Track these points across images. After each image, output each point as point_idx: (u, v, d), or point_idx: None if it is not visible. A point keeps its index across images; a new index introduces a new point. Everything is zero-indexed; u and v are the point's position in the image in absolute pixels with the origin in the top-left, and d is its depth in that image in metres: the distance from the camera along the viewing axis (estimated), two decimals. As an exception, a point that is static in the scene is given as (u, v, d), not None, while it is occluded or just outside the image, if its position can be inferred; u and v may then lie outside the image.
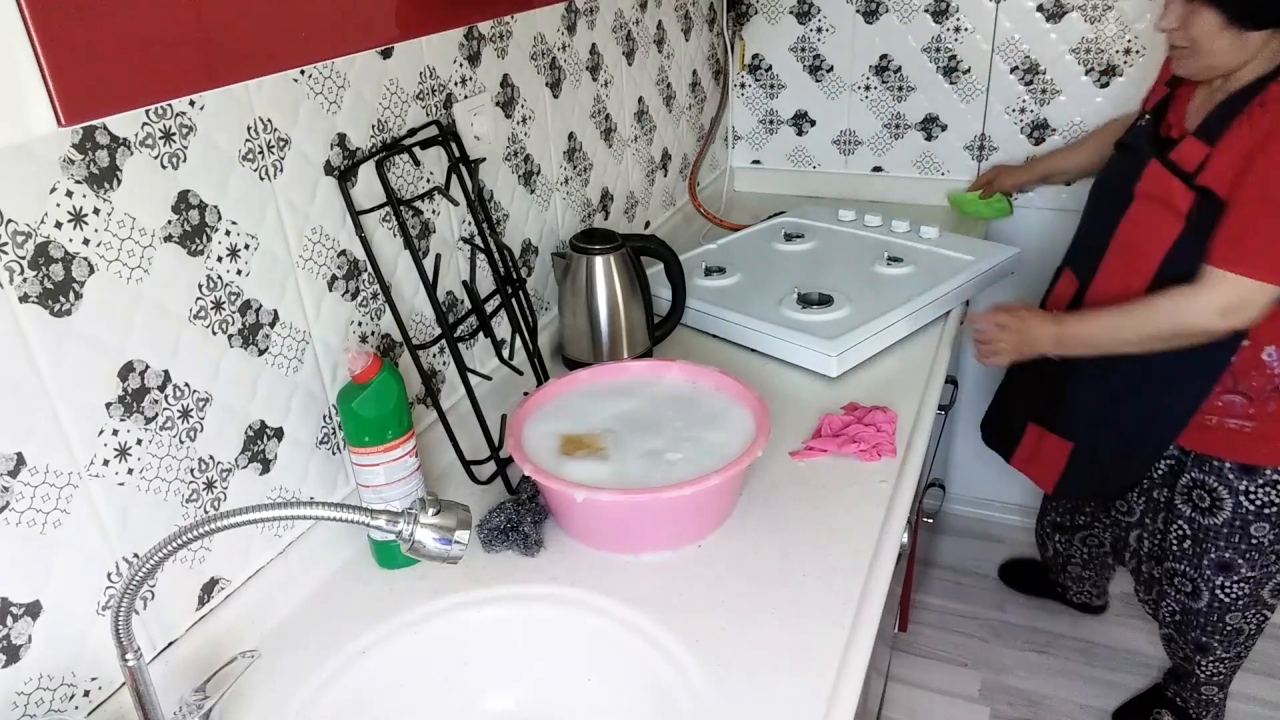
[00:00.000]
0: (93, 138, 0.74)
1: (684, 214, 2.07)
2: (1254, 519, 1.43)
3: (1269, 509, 1.42)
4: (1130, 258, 1.37)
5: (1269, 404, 1.35)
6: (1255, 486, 1.41)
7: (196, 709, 0.81)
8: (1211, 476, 1.44)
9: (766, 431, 1.07)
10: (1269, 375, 1.33)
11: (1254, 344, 1.32)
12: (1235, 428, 1.38)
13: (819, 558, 1.02)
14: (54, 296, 0.73)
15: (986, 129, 2.08)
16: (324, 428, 1.05)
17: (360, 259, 1.06)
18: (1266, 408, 1.35)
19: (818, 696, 0.85)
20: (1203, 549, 1.50)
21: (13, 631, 0.74)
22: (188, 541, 0.69)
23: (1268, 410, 1.35)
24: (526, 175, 1.40)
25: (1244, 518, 1.43)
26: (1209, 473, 1.44)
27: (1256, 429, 1.37)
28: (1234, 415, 1.37)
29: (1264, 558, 1.47)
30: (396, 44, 1.08)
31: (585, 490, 0.99)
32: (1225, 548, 1.47)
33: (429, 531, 0.75)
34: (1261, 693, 1.95)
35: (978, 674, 2.04)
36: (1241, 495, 1.42)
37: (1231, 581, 1.51)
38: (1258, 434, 1.37)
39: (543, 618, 1.00)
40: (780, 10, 2.14)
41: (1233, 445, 1.40)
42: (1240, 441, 1.39)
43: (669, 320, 1.49)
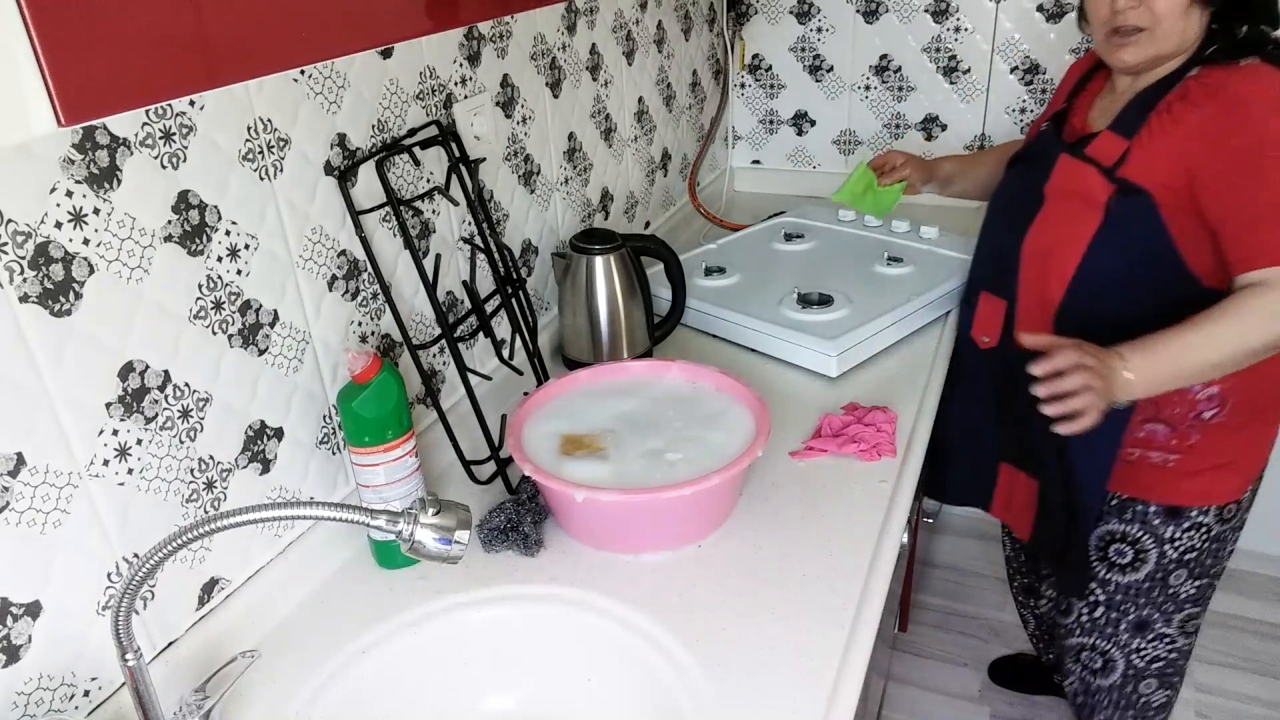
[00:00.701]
0: (93, 138, 0.74)
1: (684, 214, 2.07)
2: (1175, 567, 1.31)
3: (1189, 555, 1.29)
4: (1046, 261, 1.24)
5: (1191, 435, 1.23)
6: (1180, 531, 1.28)
7: (196, 709, 0.81)
8: (1135, 525, 1.30)
9: (766, 431, 1.07)
10: (1191, 401, 1.21)
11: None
12: (1159, 462, 1.25)
13: (819, 558, 1.02)
14: (54, 296, 0.73)
15: (986, 129, 2.08)
16: (324, 428, 1.05)
17: (360, 259, 1.06)
18: (1188, 439, 1.23)
19: (818, 696, 0.85)
20: (1119, 613, 1.36)
21: (13, 631, 0.74)
22: (188, 541, 0.69)
23: (1189, 443, 1.23)
24: (526, 175, 1.40)
25: (1165, 568, 1.31)
26: (1131, 521, 1.30)
27: (1179, 464, 1.24)
28: (1156, 447, 1.25)
29: (1179, 609, 1.34)
30: (396, 44, 1.08)
31: (585, 490, 0.99)
32: (1144, 605, 1.34)
33: (429, 531, 0.75)
34: (1261, 693, 1.95)
35: (978, 674, 2.04)
36: (1166, 544, 1.29)
37: (1147, 641, 1.37)
38: (1180, 470, 1.25)
39: (543, 618, 1.00)
40: (780, 10, 2.14)
41: (1156, 484, 1.27)
42: (1164, 480, 1.26)
43: (669, 320, 1.49)
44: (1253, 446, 1.27)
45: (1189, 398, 1.21)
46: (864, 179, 1.60)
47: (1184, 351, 1.08)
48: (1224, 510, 1.28)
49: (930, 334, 1.52)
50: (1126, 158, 1.15)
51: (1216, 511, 1.28)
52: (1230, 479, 1.26)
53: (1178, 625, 1.37)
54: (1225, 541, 1.32)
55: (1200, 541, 1.29)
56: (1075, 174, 1.20)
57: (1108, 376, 1.06)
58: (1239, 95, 1.08)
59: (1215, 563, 1.33)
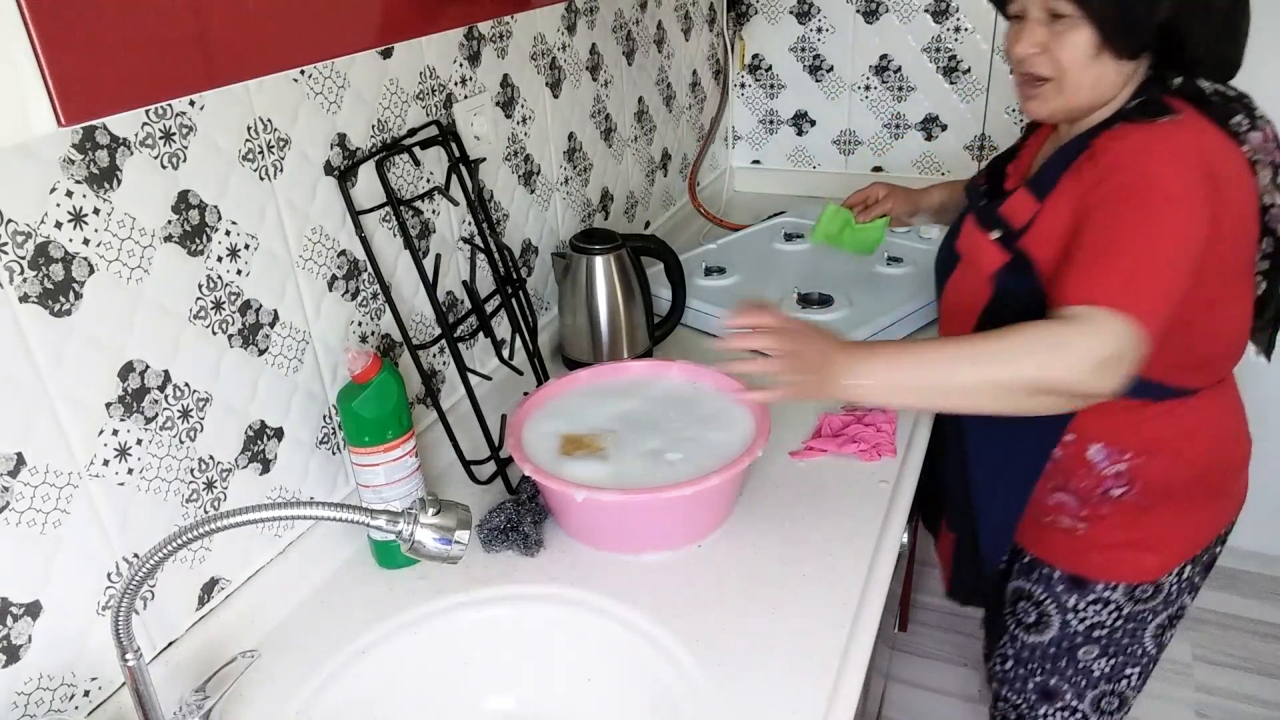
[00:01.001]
0: (93, 138, 0.74)
1: (684, 214, 2.07)
2: (1082, 641, 1.20)
3: (1099, 631, 1.18)
4: (953, 325, 1.16)
5: (1101, 507, 1.12)
6: (1084, 603, 1.17)
7: (196, 709, 0.81)
8: (1039, 587, 1.21)
9: (766, 431, 1.07)
10: (1097, 476, 1.10)
11: (1079, 439, 1.09)
12: (1068, 528, 1.16)
13: (819, 558, 1.02)
14: (54, 296, 0.73)
15: (986, 129, 2.08)
16: (324, 428, 1.05)
17: (360, 259, 1.06)
18: (1099, 511, 1.12)
19: (818, 696, 0.85)
20: (1026, 671, 1.27)
21: (13, 631, 0.74)
22: (188, 541, 0.69)
23: (1100, 514, 1.12)
24: (526, 175, 1.40)
25: (1071, 639, 1.20)
26: (1037, 582, 1.21)
27: (1087, 535, 1.14)
28: (1066, 514, 1.15)
29: (1092, 685, 1.23)
30: (396, 44, 1.08)
31: (585, 490, 0.99)
32: (1050, 672, 1.24)
33: (429, 531, 0.75)
34: (1261, 693, 1.95)
35: (978, 674, 2.04)
36: (1070, 613, 1.19)
37: (1055, 710, 1.26)
38: (1088, 540, 1.15)
39: (543, 618, 1.00)
40: (780, 10, 2.14)
41: (1063, 551, 1.18)
42: (1071, 547, 1.17)
43: (669, 320, 1.49)
44: (1172, 528, 1.12)
45: (1095, 473, 1.10)
46: (836, 218, 1.49)
47: (936, 365, 0.94)
48: (1136, 590, 1.15)
49: (930, 334, 1.52)
50: (1033, 223, 1.03)
51: (1127, 590, 1.15)
52: (1146, 558, 1.13)
53: (1090, 703, 1.25)
54: (1145, 623, 1.18)
55: (1109, 618, 1.17)
56: (973, 239, 1.11)
57: (819, 371, 0.94)
58: (1140, 145, 0.94)
59: (1134, 644, 1.20)
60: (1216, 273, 0.97)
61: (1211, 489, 1.13)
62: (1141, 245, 0.90)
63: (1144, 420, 1.06)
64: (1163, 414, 1.06)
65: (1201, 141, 0.94)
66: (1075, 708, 1.26)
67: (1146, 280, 0.90)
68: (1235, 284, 1.03)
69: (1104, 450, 1.08)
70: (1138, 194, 0.92)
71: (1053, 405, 0.93)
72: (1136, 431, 1.07)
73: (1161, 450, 1.08)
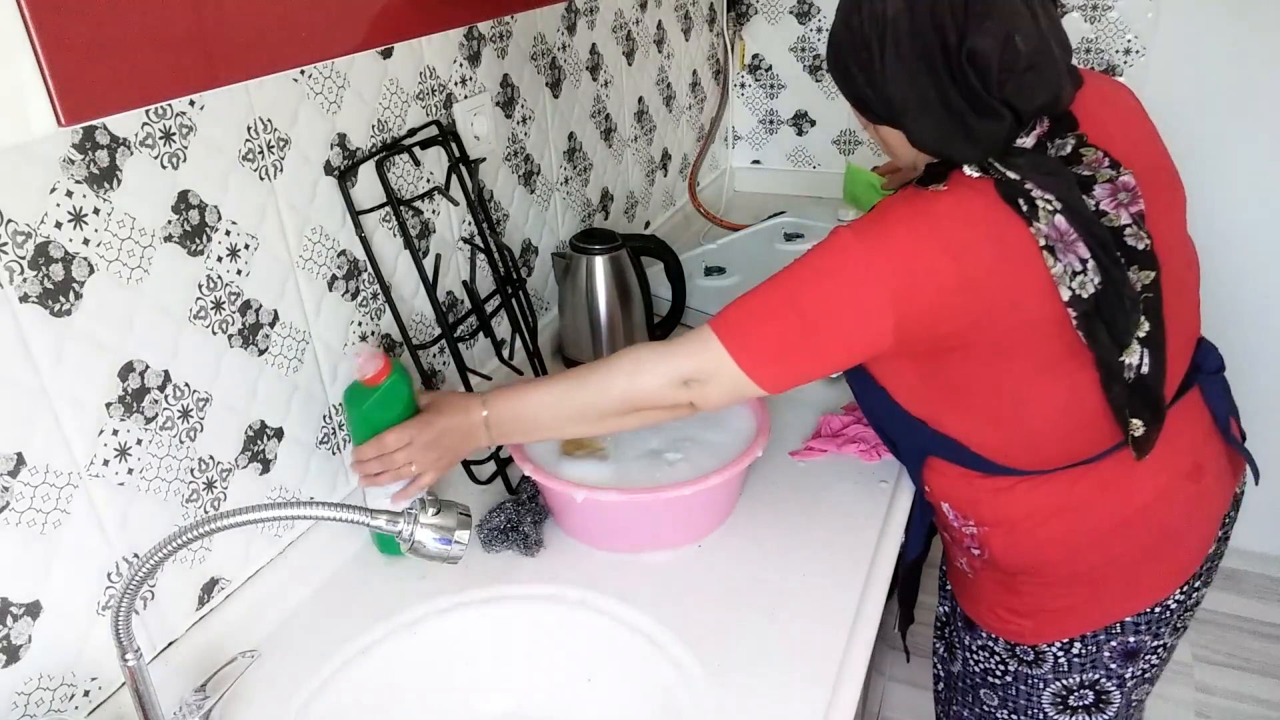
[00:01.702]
0: (93, 138, 0.74)
1: (684, 214, 2.07)
2: (980, 683, 1.15)
3: (991, 678, 1.13)
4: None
5: (974, 560, 1.08)
6: (975, 646, 1.13)
7: (196, 709, 0.81)
8: (952, 617, 1.19)
9: (766, 431, 1.07)
10: (957, 531, 1.06)
11: (932, 494, 1.06)
12: (962, 569, 1.12)
13: (819, 558, 1.02)
14: (54, 296, 0.73)
15: (986, 129, 2.08)
16: (324, 428, 1.05)
17: (360, 259, 1.06)
18: (974, 563, 1.08)
19: (818, 696, 0.85)
20: (950, 695, 1.24)
21: (13, 631, 0.74)
22: (188, 541, 0.69)
23: (975, 566, 1.08)
24: (526, 175, 1.40)
25: (972, 678, 1.16)
26: (951, 612, 1.20)
27: (973, 581, 1.10)
28: (959, 554, 1.11)
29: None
30: (396, 44, 1.08)
31: (585, 490, 0.99)
32: (963, 704, 1.19)
33: (429, 531, 0.75)
34: (1261, 693, 1.95)
35: (978, 674, 2.04)
36: (967, 651, 1.15)
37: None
38: (974, 588, 1.11)
39: (543, 618, 1.00)
40: (780, 10, 2.13)
41: (960, 589, 1.15)
42: (964, 589, 1.13)
43: (669, 320, 1.49)
44: (1042, 602, 1.04)
45: (953, 528, 1.07)
46: (857, 178, 1.50)
47: (542, 406, 0.98)
48: (1017, 649, 1.07)
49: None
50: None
51: (1007, 646, 1.08)
52: (1020, 622, 1.06)
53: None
54: (1036, 688, 1.08)
55: (997, 668, 1.11)
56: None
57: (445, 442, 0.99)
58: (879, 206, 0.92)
59: (1032, 707, 1.10)
60: (1003, 352, 0.89)
61: (1085, 575, 1.01)
62: (775, 285, 0.92)
63: (981, 491, 1.01)
64: (1002, 489, 0.99)
65: (951, 217, 0.86)
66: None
67: (757, 319, 0.92)
68: (1049, 369, 0.90)
69: (952, 510, 1.05)
70: (817, 249, 0.91)
71: (662, 417, 0.96)
72: (975, 500, 1.02)
73: (999, 526, 1.01)
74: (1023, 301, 0.86)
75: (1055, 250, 0.84)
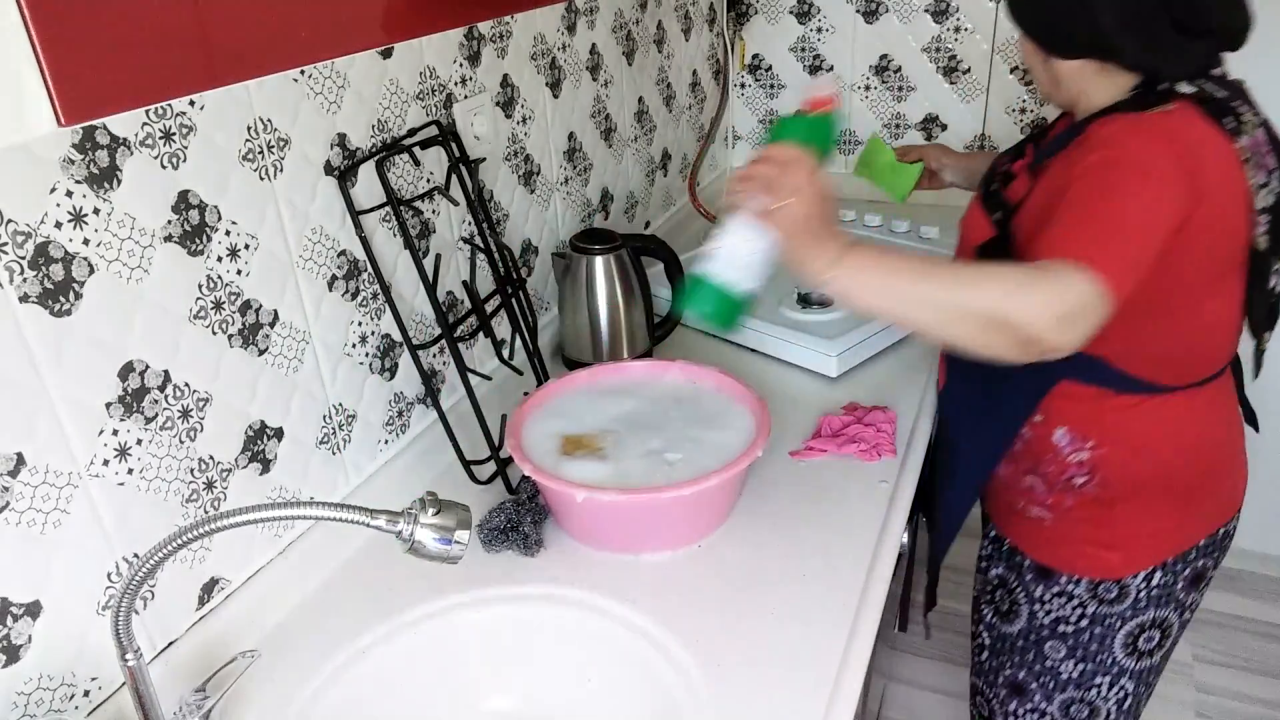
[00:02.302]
0: (93, 138, 0.74)
1: (684, 214, 2.07)
2: (1048, 635, 1.19)
3: (1064, 626, 1.17)
4: None
5: (1065, 498, 1.12)
6: (1049, 595, 1.17)
7: (196, 709, 0.81)
8: (1013, 574, 1.22)
9: (766, 431, 1.07)
10: (1063, 463, 1.10)
11: (1046, 421, 1.09)
12: (1036, 518, 1.16)
13: (819, 558, 1.02)
14: (54, 296, 0.73)
15: (986, 129, 2.08)
16: (324, 428, 1.05)
17: (360, 259, 1.06)
18: (1063, 502, 1.12)
19: (818, 696, 0.85)
20: (998, 662, 1.27)
21: (13, 631, 0.74)
22: (188, 541, 0.69)
23: (1064, 505, 1.13)
24: (526, 175, 1.40)
25: (1038, 631, 1.20)
26: (1011, 569, 1.23)
27: (1053, 525, 1.15)
28: (1035, 502, 1.15)
29: (1060, 687, 1.21)
30: (396, 44, 1.08)
31: (585, 490, 0.99)
32: (1019, 665, 1.24)
33: (429, 531, 0.75)
34: (1261, 693, 1.95)
35: (978, 674, 2.04)
36: (1036, 604, 1.19)
37: (1025, 710, 1.25)
38: (1054, 532, 1.15)
39: (543, 618, 1.00)
40: (780, 10, 2.14)
41: (1031, 538, 1.19)
42: (1039, 536, 1.18)
43: (669, 320, 1.49)
44: (1136, 528, 1.11)
45: (1060, 458, 1.10)
46: (877, 151, 1.49)
47: (906, 273, 0.93)
48: (1100, 587, 1.13)
49: (930, 334, 1.52)
50: (1024, 203, 1.05)
51: (1089, 586, 1.14)
52: (1109, 555, 1.12)
53: (1059, 707, 1.23)
54: (1112, 629, 1.15)
55: (1073, 614, 1.16)
56: (972, 218, 1.14)
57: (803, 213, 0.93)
58: (1114, 129, 0.96)
59: (1103, 651, 1.17)
60: (1194, 265, 0.96)
61: (1180, 494, 1.09)
62: (1111, 208, 0.91)
63: (1107, 410, 1.06)
64: (1128, 407, 1.05)
65: (1185, 131, 0.94)
66: (1044, 710, 1.24)
67: (1113, 241, 0.90)
68: (1217, 282, 1.00)
69: (1068, 435, 1.08)
70: (1110, 165, 0.94)
71: (1005, 346, 0.89)
72: (1099, 420, 1.07)
73: (1122, 443, 1.07)
74: (1226, 213, 0.96)
75: (1250, 163, 0.96)
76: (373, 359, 1.11)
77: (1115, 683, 1.20)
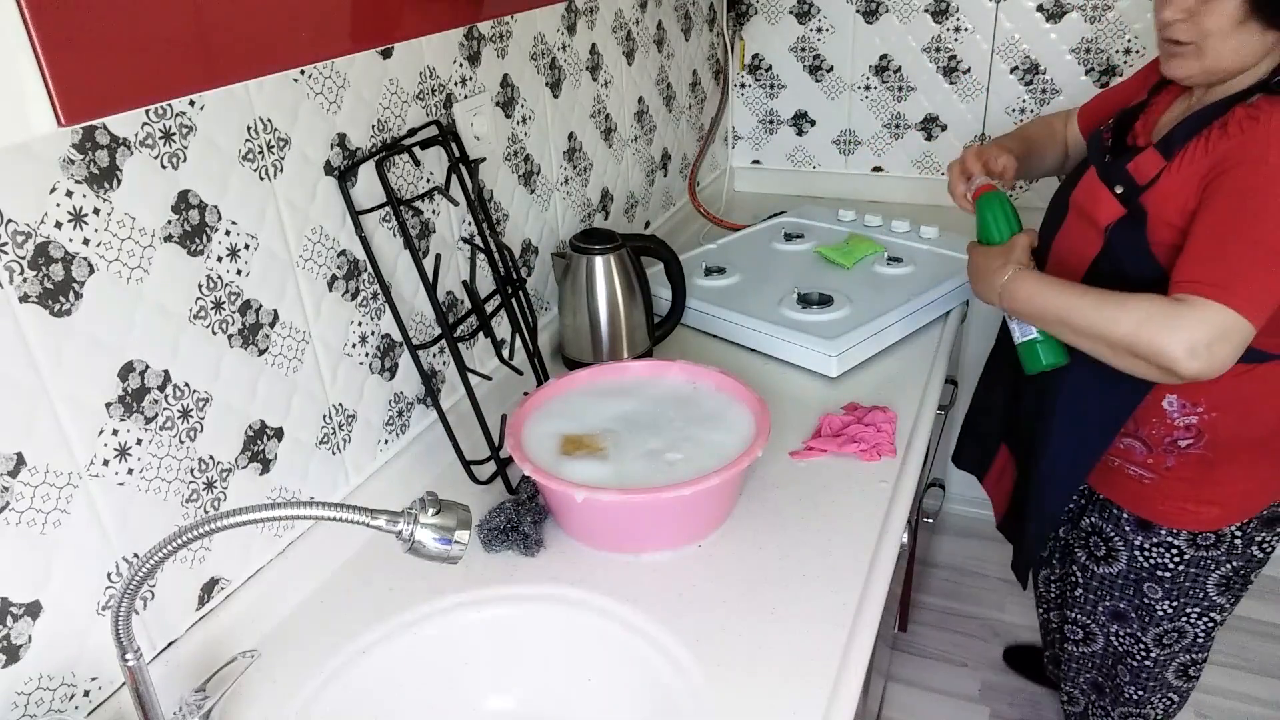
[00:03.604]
0: (93, 138, 0.74)
1: (684, 214, 2.07)
2: (1146, 578, 1.30)
3: (1162, 571, 1.27)
4: (1060, 270, 1.21)
5: (1167, 458, 1.20)
6: (1150, 544, 1.27)
7: (196, 709, 0.81)
8: (1109, 525, 1.31)
9: (766, 431, 1.07)
10: (1168, 425, 1.18)
11: (1157, 388, 1.16)
12: (1134, 475, 1.24)
13: (819, 558, 1.02)
14: (54, 296, 0.73)
15: (986, 129, 2.08)
16: (324, 428, 1.05)
17: (360, 259, 1.06)
18: (1164, 462, 1.20)
19: (818, 696, 0.85)
20: (1096, 597, 1.38)
21: (13, 631, 0.74)
22: (188, 541, 0.69)
23: (1165, 465, 1.21)
24: (526, 175, 1.40)
25: (1138, 573, 1.30)
26: (1108, 520, 1.31)
27: (1154, 484, 1.23)
28: (1133, 462, 1.24)
29: (1155, 622, 1.33)
30: (396, 44, 1.08)
31: (585, 490, 0.99)
32: (1119, 598, 1.35)
33: (429, 531, 0.75)
34: (1261, 693, 1.95)
35: (977, 674, 2.04)
36: (1136, 550, 1.29)
37: (1125, 632, 1.37)
38: (1155, 489, 1.23)
39: (543, 618, 1.00)
40: (780, 10, 2.14)
41: (1130, 494, 1.27)
42: (1138, 493, 1.25)
43: (669, 320, 1.49)
44: (1234, 485, 1.20)
45: (1167, 422, 1.18)
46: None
47: (1064, 301, 1.09)
48: (1199, 537, 1.23)
49: (930, 334, 1.52)
50: (1156, 181, 1.08)
51: (1189, 537, 1.23)
52: (1208, 510, 1.21)
53: (1153, 639, 1.35)
54: (1207, 570, 1.26)
55: (1172, 562, 1.26)
56: (1091, 192, 1.16)
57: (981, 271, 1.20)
58: (1264, 130, 0.98)
59: (1196, 588, 1.28)
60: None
61: (1273, 452, 1.18)
62: (1254, 236, 0.97)
63: (1225, 376, 1.07)
64: (1239, 373, 1.09)
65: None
66: (1140, 639, 1.36)
67: (1254, 271, 0.97)
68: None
69: (1178, 401, 1.16)
70: (1259, 188, 0.98)
71: (1145, 370, 1.02)
72: (1211, 387, 1.12)
73: (1233, 408, 1.14)
74: None
75: None
76: (373, 359, 1.11)
77: (1205, 614, 1.32)
